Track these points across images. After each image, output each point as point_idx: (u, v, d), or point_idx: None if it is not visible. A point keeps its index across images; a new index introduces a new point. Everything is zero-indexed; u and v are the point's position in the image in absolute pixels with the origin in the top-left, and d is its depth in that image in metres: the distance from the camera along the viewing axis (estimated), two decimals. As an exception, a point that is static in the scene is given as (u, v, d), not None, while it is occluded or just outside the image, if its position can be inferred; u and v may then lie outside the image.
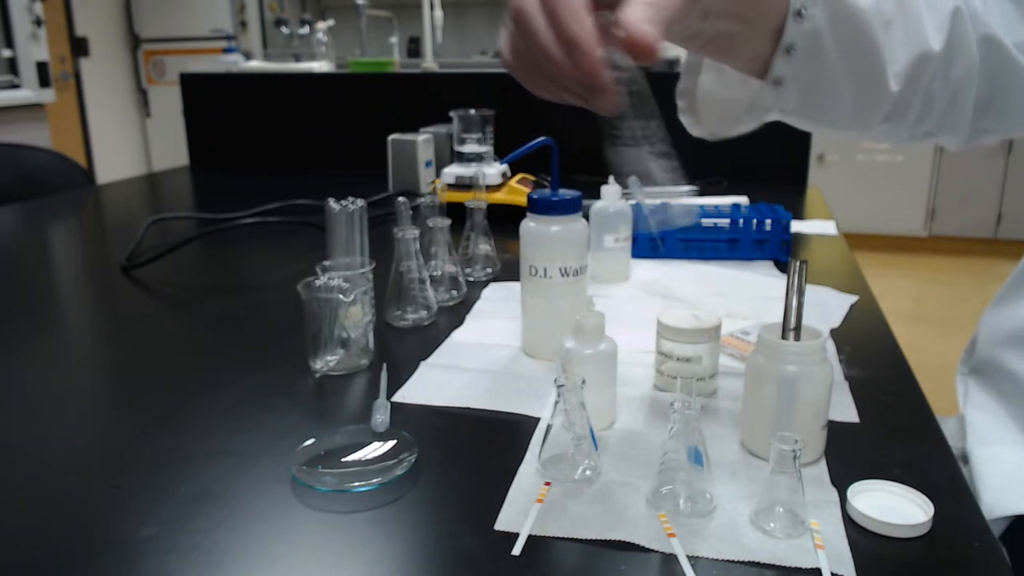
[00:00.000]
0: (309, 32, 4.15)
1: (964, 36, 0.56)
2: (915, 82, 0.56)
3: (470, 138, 1.28)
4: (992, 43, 0.56)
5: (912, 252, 4.23)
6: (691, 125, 0.64)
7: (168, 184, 1.91)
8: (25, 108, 3.53)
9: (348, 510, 0.49)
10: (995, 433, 0.72)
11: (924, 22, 0.55)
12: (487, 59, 4.80)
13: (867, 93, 0.56)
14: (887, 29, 0.54)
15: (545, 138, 0.71)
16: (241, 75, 2.47)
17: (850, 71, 0.54)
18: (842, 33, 0.52)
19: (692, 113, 0.63)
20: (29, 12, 3.52)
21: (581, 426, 0.51)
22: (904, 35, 0.55)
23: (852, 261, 1.05)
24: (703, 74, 0.62)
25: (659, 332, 0.65)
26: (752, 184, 1.47)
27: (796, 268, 0.52)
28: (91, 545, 0.46)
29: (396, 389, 0.66)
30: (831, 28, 0.51)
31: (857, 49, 0.53)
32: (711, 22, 0.49)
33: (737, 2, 0.49)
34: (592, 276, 0.96)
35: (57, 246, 1.34)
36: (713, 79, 0.61)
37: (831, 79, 0.54)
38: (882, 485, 0.50)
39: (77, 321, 0.93)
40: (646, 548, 0.45)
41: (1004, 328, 0.77)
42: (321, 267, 0.72)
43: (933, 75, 0.56)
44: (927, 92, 0.57)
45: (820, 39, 0.52)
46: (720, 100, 0.61)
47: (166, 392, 0.69)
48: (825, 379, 0.53)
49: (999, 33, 0.56)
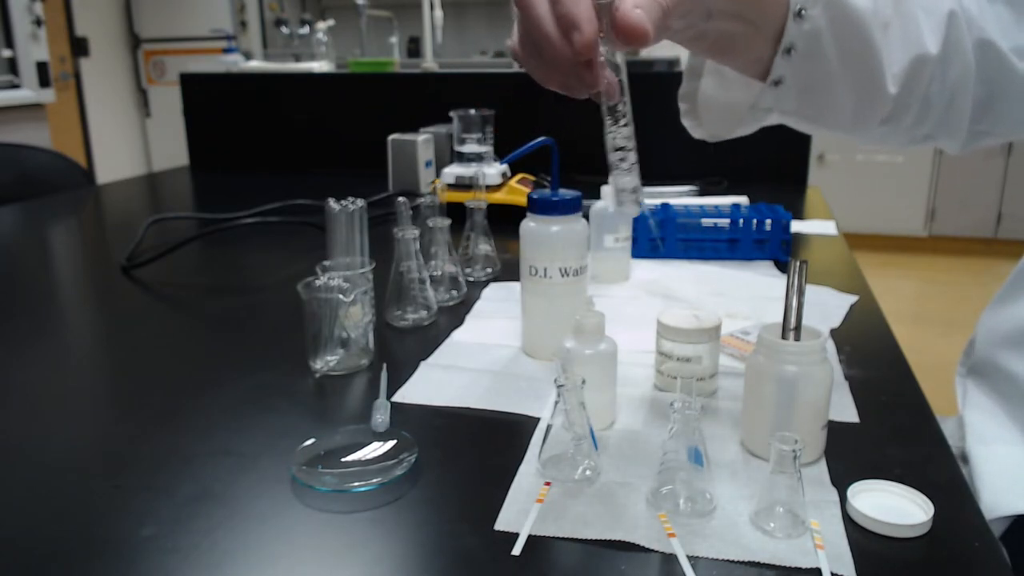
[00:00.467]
0: (309, 32, 4.15)
1: (960, 39, 0.56)
2: (913, 84, 0.56)
3: (470, 138, 1.28)
4: (987, 47, 0.57)
5: (912, 252, 4.23)
6: (693, 127, 0.65)
7: (168, 184, 1.91)
8: (25, 108, 3.53)
9: (348, 510, 0.49)
10: (994, 433, 0.72)
11: (921, 25, 0.55)
12: (487, 59, 4.80)
13: (865, 94, 0.56)
14: (885, 31, 0.54)
15: (545, 138, 0.71)
16: (241, 75, 2.47)
17: (849, 72, 0.54)
18: (841, 34, 0.52)
19: (694, 116, 0.64)
20: (29, 12, 3.52)
21: (581, 426, 0.51)
22: (901, 38, 0.55)
23: (852, 261, 1.05)
24: (704, 78, 0.62)
25: (659, 332, 0.65)
26: (752, 184, 1.47)
27: (796, 268, 0.52)
28: (91, 545, 0.46)
29: (396, 389, 0.66)
30: (830, 29, 0.52)
31: (856, 50, 0.54)
32: (714, 22, 0.50)
33: (740, 2, 0.49)
34: (592, 276, 0.96)
35: (57, 246, 1.34)
36: (714, 83, 0.62)
37: (830, 80, 0.54)
38: (882, 485, 0.50)
39: (77, 321, 0.93)
40: (646, 548, 0.45)
41: (1002, 329, 0.77)
42: (321, 267, 0.72)
43: (930, 78, 0.57)
44: (924, 95, 0.57)
45: (819, 40, 0.52)
46: (721, 103, 0.62)
47: (166, 392, 0.69)
48: (825, 379, 0.53)
49: (994, 37, 0.57)
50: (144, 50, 4.66)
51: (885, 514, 0.47)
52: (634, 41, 0.41)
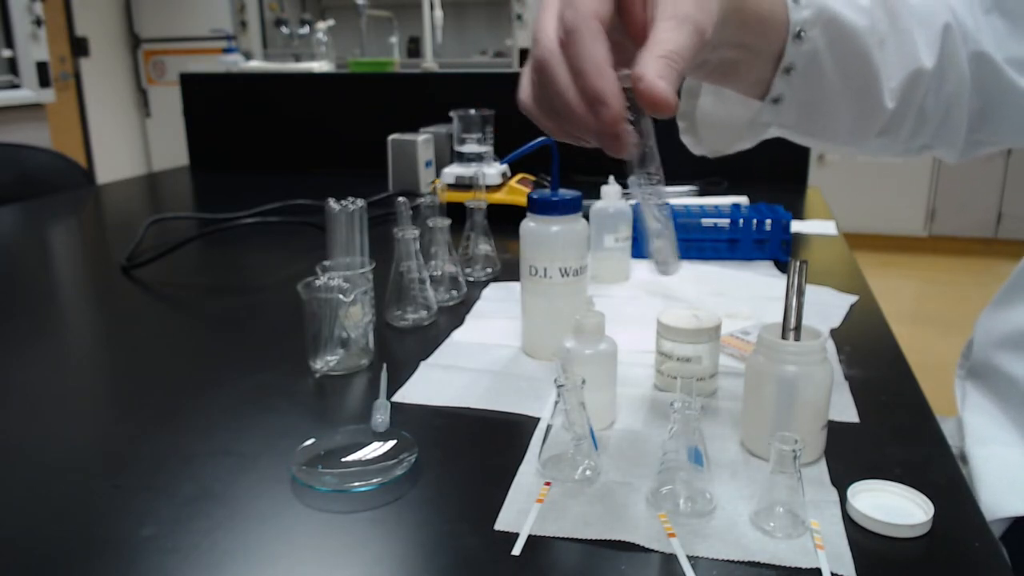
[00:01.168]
0: (309, 32, 4.15)
1: (955, 52, 0.57)
2: (909, 98, 0.57)
3: (470, 138, 1.28)
4: (982, 59, 0.57)
5: (912, 252, 4.23)
6: (692, 145, 0.66)
7: (168, 184, 1.91)
8: (25, 108, 3.53)
9: (348, 510, 0.49)
10: (993, 435, 0.72)
11: (916, 40, 0.56)
12: (487, 59, 4.80)
13: (863, 109, 0.57)
14: (881, 47, 0.55)
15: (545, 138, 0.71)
16: (241, 75, 2.47)
17: (847, 88, 0.55)
18: (839, 53, 0.53)
19: (693, 134, 0.65)
20: (29, 12, 3.52)
21: (581, 426, 0.51)
22: (897, 53, 0.55)
23: (852, 261, 1.05)
24: (702, 97, 0.63)
25: (659, 332, 0.65)
26: (752, 184, 1.47)
27: (796, 268, 0.52)
28: (91, 545, 0.46)
29: (396, 389, 0.66)
30: (829, 48, 0.52)
31: (854, 68, 0.54)
32: (717, 52, 0.50)
33: (741, 32, 0.49)
34: (592, 276, 0.96)
35: (57, 246, 1.34)
36: (712, 101, 0.62)
37: (829, 96, 0.55)
38: (882, 485, 0.50)
39: (77, 321, 0.93)
40: (646, 548, 0.45)
41: (1000, 331, 0.77)
42: (321, 267, 0.72)
43: (926, 91, 0.57)
44: (920, 107, 0.58)
45: (818, 59, 0.53)
46: (720, 120, 0.62)
47: (166, 392, 0.69)
48: (825, 379, 0.53)
49: (989, 49, 0.57)
50: (144, 50, 4.66)
51: (885, 514, 0.47)
52: (658, 112, 0.40)
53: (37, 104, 3.59)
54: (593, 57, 0.41)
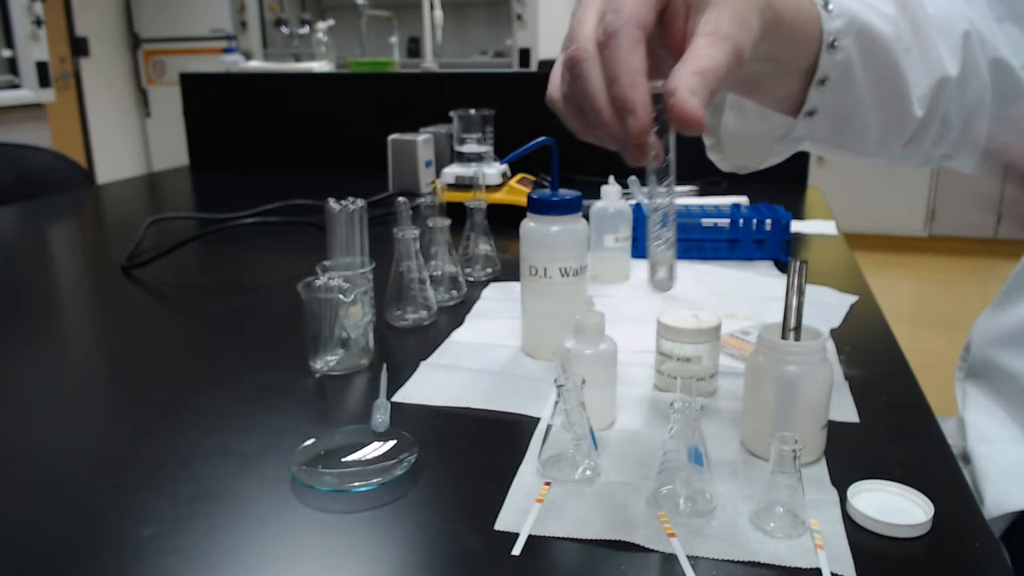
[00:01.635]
0: (309, 32, 4.15)
1: (975, 59, 0.57)
2: (935, 106, 0.57)
3: (470, 138, 1.28)
4: (1001, 65, 0.58)
5: (912, 252, 4.23)
6: (720, 161, 0.65)
7: (168, 184, 1.91)
8: (25, 108, 3.53)
9: (348, 510, 0.49)
10: (996, 432, 0.72)
11: (939, 48, 0.56)
12: (487, 59, 4.80)
13: (894, 118, 0.57)
14: (908, 56, 0.55)
15: (545, 138, 0.71)
16: (241, 75, 2.47)
17: (878, 98, 0.55)
18: (871, 62, 0.53)
19: (719, 150, 0.65)
20: (29, 12, 3.52)
21: (581, 426, 0.51)
22: (923, 61, 0.56)
23: (852, 261, 1.05)
24: (726, 113, 0.63)
25: (659, 332, 0.65)
26: (752, 184, 1.46)
27: (796, 268, 0.52)
28: (91, 545, 0.46)
29: (396, 389, 0.66)
30: (861, 58, 0.52)
31: (885, 77, 0.54)
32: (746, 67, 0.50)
33: (772, 47, 0.49)
34: (592, 276, 0.96)
35: (57, 246, 1.34)
36: (735, 117, 0.62)
37: (860, 107, 0.55)
38: (882, 485, 0.50)
39: (77, 321, 0.93)
40: (646, 548, 0.45)
41: (999, 329, 0.77)
42: (321, 267, 0.72)
43: (950, 99, 0.57)
44: (944, 115, 0.58)
45: (851, 69, 0.53)
46: (743, 136, 0.62)
47: (166, 392, 0.69)
48: (825, 379, 0.53)
49: (1007, 56, 0.58)
50: (144, 50, 4.66)
51: (885, 514, 0.47)
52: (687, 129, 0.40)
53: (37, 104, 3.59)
54: (629, 65, 0.40)
